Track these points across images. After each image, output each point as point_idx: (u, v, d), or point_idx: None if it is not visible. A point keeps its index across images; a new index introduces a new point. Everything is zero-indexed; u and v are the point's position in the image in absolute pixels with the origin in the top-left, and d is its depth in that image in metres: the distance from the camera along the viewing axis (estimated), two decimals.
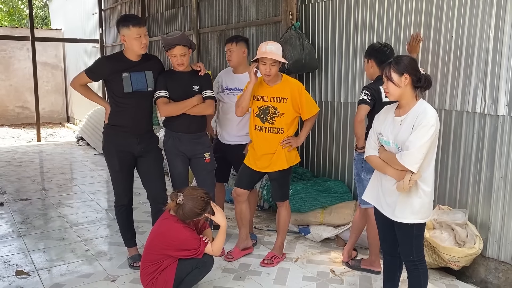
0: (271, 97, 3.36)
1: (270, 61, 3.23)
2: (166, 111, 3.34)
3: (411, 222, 2.49)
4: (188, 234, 2.79)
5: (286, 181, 3.55)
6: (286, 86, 3.37)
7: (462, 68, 3.38)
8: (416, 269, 2.60)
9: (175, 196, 2.77)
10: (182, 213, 2.75)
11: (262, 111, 3.40)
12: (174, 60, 3.31)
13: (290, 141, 3.40)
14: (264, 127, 3.41)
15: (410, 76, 2.43)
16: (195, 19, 6.79)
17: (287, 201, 3.60)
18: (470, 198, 3.42)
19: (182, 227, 2.79)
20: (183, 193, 2.76)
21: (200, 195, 2.78)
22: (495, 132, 3.22)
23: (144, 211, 4.75)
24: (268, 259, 3.55)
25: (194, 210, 2.75)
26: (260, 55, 3.24)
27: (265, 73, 3.28)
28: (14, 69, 13.56)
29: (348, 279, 3.34)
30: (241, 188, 3.56)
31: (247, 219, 3.72)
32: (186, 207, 2.74)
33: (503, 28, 3.10)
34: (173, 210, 2.80)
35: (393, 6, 3.86)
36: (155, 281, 2.81)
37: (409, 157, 2.37)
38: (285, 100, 3.36)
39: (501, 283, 3.25)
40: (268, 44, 3.29)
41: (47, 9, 19.23)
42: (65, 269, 3.47)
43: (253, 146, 3.50)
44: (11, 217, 4.69)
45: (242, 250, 3.69)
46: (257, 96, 3.41)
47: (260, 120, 3.41)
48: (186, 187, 2.90)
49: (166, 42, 3.28)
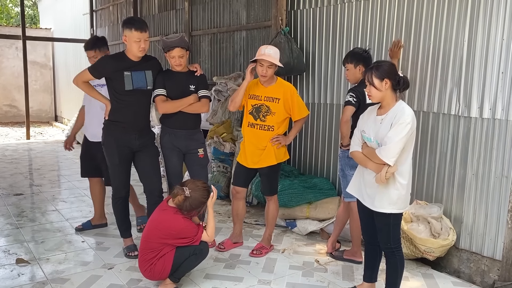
0: (265, 96, 3.60)
1: (267, 64, 3.47)
2: (164, 108, 3.54)
3: (388, 212, 2.73)
4: (187, 224, 2.99)
5: (275, 177, 3.78)
6: (280, 88, 3.61)
7: (439, 73, 3.64)
8: (393, 255, 2.84)
9: (181, 191, 2.95)
10: (189, 205, 2.95)
11: (255, 109, 3.63)
12: (172, 61, 3.51)
13: (279, 139, 3.62)
14: (256, 124, 3.63)
15: (390, 80, 2.67)
16: (187, 21, 6.98)
17: (275, 196, 3.83)
18: (445, 193, 3.68)
19: (181, 218, 2.99)
20: (187, 186, 2.96)
21: (202, 185, 3.00)
22: (468, 132, 3.49)
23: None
24: (257, 250, 3.77)
25: (201, 200, 2.97)
26: (259, 56, 3.48)
27: (262, 74, 3.52)
28: (2, 67, 13.55)
29: (332, 268, 3.57)
30: (239, 186, 3.80)
31: (243, 215, 3.95)
32: (193, 198, 2.94)
33: (476, 37, 3.37)
34: (179, 202, 2.98)
35: (376, 14, 4.12)
36: (153, 266, 3.00)
37: (387, 152, 2.61)
38: (278, 101, 3.59)
39: (472, 272, 3.52)
40: (267, 47, 3.53)
41: (35, 8, 19.17)
42: (63, 258, 3.63)
43: (244, 143, 3.73)
44: (7, 210, 4.83)
45: (233, 243, 3.91)
46: (252, 95, 3.64)
47: (253, 117, 3.64)
48: (185, 181, 3.08)
49: (165, 44, 3.48)
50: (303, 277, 3.41)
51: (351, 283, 3.31)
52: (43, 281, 3.22)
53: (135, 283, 3.22)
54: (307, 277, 3.40)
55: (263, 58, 3.46)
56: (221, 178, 5.43)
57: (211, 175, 5.40)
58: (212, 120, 5.81)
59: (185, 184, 3.01)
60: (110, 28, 10.13)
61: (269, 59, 3.45)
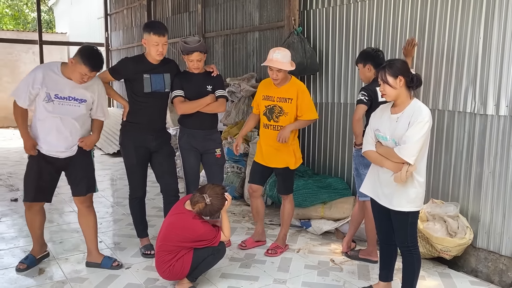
0: (278, 97, 3.62)
1: (276, 69, 3.50)
2: (182, 109, 3.58)
3: (407, 210, 2.72)
4: (206, 228, 3.01)
5: (290, 176, 3.80)
6: (293, 88, 3.63)
7: (454, 71, 3.61)
8: (410, 254, 2.82)
9: (202, 199, 2.97)
10: (209, 211, 2.98)
11: (268, 110, 3.66)
12: (191, 64, 3.56)
13: (280, 135, 3.58)
14: (269, 124, 3.66)
15: (404, 77, 2.67)
16: (200, 24, 7.04)
17: (291, 195, 3.84)
18: (462, 192, 3.65)
19: (200, 223, 3.00)
20: (207, 194, 2.98)
21: (221, 192, 3.02)
22: (484, 130, 3.45)
23: (153, 206, 4.98)
24: (272, 249, 3.78)
25: (220, 207, 3.01)
26: (267, 62, 3.52)
27: (273, 78, 3.56)
28: (20, 72, 13.77)
29: (347, 268, 3.56)
30: (255, 184, 3.84)
31: (263, 213, 3.98)
32: (214, 206, 2.97)
33: (491, 33, 3.34)
34: (199, 210, 2.99)
35: (389, 13, 4.10)
36: (172, 268, 3.03)
37: (407, 151, 2.60)
38: (290, 101, 3.61)
39: (490, 271, 3.48)
40: (275, 51, 3.55)
41: (51, 13, 19.50)
42: (82, 257, 3.69)
43: (260, 142, 3.77)
44: None
45: (255, 242, 3.95)
46: (265, 96, 3.67)
47: (266, 118, 3.67)
48: (204, 187, 3.08)
49: (185, 48, 3.51)
50: (318, 276, 3.41)
51: (367, 282, 3.30)
52: (62, 281, 3.28)
53: (152, 282, 3.26)
54: (322, 277, 3.40)
55: (271, 65, 3.50)
56: (235, 178, 5.46)
57: (225, 175, 5.43)
58: (226, 121, 5.85)
59: (204, 190, 3.01)
60: (124, 31, 10.26)
61: (277, 65, 3.48)
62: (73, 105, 3.19)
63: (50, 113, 3.15)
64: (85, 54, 3.05)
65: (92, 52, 3.08)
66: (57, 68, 3.17)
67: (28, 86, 3.11)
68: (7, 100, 14.15)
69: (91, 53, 3.08)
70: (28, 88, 3.12)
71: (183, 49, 3.53)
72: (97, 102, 3.31)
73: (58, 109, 3.15)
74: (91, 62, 3.03)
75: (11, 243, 4.02)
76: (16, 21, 21.22)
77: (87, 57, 3.03)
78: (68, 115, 3.18)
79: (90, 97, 3.24)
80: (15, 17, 21.30)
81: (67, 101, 3.17)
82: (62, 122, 3.17)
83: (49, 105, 3.14)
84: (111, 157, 8.34)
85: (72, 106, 3.19)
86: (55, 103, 3.15)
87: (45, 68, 3.19)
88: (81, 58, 3.02)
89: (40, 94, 3.12)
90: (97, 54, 3.10)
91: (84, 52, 3.06)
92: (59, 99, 3.14)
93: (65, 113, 3.17)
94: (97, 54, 3.10)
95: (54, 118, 3.16)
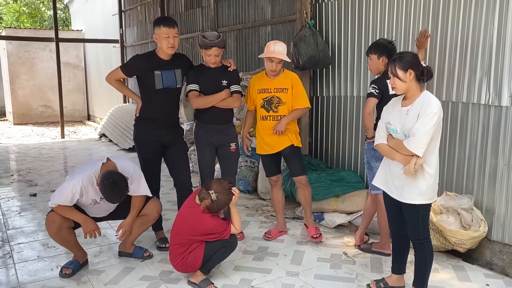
0: (274, 88, 3.70)
1: (278, 60, 3.56)
2: (197, 103, 3.62)
3: (418, 203, 2.72)
4: (216, 222, 3.05)
5: (299, 154, 3.85)
6: (288, 78, 3.72)
7: (468, 62, 3.57)
8: (422, 247, 2.82)
9: (208, 195, 3.00)
10: (216, 207, 3.01)
11: (266, 101, 3.72)
12: (208, 58, 3.58)
13: (276, 127, 3.67)
14: (268, 115, 3.73)
15: (414, 71, 2.65)
16: (213, 18, 7.06)
17: (305, 177, 3.85)
18: (476, 184, 3.62)
19: (209, 217, 3.04)
20: (213, 190, 3.00)
21: (227, 187, 3.04)
22: (499, 122, 3.41)
23: (167, 200, 5.04)
24: (315, 234, 3.83)
25: (226, 202, 3.04)
26: (269, 54, 3.56)
27: (272, 69, 3.63)
28: (37, 69, 14.04)
29: (360, 261, 3.57)
30: (274, 175, 3.92)
31: (283, 204, 4.06)
32: (220, 201, 3.00)
33: (506, 23, 3.29)
34: (206, 205, 3.02)
35: (402, 4, 4.06)
36: (185, 260, 3.09)
37: (415, 143, 2.60)
38: (287, 91, 3.69)
39: (506, 264, 3.45)
40: (276, 44, 3.62)
41: (67, 11, 19.75)
42: (98, 251, 3.78)
43: (260, 133, 3.84)
44: (45, 206, 5.03)
45: (279, 232, 4.04)
46: (261, 90, 3.73)
47: (265, 110, 3.73)
48: (211, 182, 3.09)
49: (203, 43, 3.52)
50: (331, 269, 3.43)
51: (379, 275, 3.30)
52: (80, 273, 3.36)
53: (167, 274, 3.33)
54: (335, 269, 3.42)
55: (274, 56, 3.55)
56: (248, 173, 5.49)
57: (239, 169, 5.47)
58: (239, 116, 5.88)
59: (210, 186, 3.03)
60: (139, 27, 10.34)
61: (280, 56, 3.56)
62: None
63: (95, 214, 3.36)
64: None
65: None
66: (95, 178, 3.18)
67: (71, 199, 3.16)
68: (25, 97, 14.41)
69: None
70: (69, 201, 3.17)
71: (202, 43, 3.54)
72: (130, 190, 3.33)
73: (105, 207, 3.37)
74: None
75: (30, 236, 4.13)
76: (33, 19, 21.55)
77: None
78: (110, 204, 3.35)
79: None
80: (32, 15, 21.62)
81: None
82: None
83: (96, 207, 3.31)
84: (127, 152, 8.46)
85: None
86: (101, 203, 3.30)
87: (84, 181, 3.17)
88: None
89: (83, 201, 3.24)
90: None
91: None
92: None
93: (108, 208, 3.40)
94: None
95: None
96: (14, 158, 8.14)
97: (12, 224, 4.47)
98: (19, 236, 4.12)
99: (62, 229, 3.22)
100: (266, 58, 3.61)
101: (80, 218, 3.20)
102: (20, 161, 7.78)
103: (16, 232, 4.24)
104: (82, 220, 3.20)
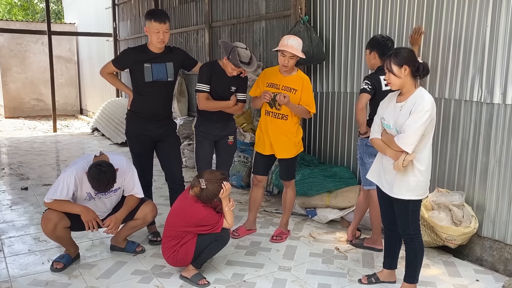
0: (283, 86, 3.64)
1: (290, 54, 3.49)
2: (205, 106, 3.64)
3: (407, 198, 2.74)
4: (208, 212, 3.06)
5: (293, 163, 3.84)
6: (299, 79, 3.66)
7: (461, 59, 3.59)
8: (412, 242, 2.84)
9: (197, 182, 3.02)
10: (206, 196, 3.02)
11: (272, 97, 3.66)
12: (229, 71, 3.56)
13: (279, 98, 3.51)
14: (271, 111, 3.69)
15: (409, 67, 2.66)
16: (207, 13, 7.02)
17: (293, 181, 3.89)
18: (467, 181, 3.64)
19: (202, 207, 3.05)
20: (204, 178, 3.02)
21: (219, 178, 3.04)
22: (490, 119, 3.44)
23: (160, 195, 5.03)
24: (277, 236, 3.83)
25: (215, 192, 3.03)
26: (282, 47, 3.50)
27: (283, 64, 3.55)
28: (29, 62, 13.90)
29: (352, 256, 3.59)
30: (260, 175, 3.89)
31: (259, 204, 4.05)
32: (209, 190, 3.00)
33: (499, 21, 3.30)
34: (196, 193, 3.05)
35: (396, 1, 4.07)
36: (176, 253, 3.09)
37: (405, 139, 2.61)
38: (295, 91, 3.62)
39: (495, 260, 3.48)
40: (290, 38, 3.56)
41: (60, 4, 19.56)
42: (90, 245, 3.76)
43: (261, 131, 3.79)
44: (37, 200, 5.01)
45: (247, 230, 4.01)
46: (270, 84, 3.68)
47: (269, 105, 3.70)
48: (204, 171, 3.13)
49: (235, 62, 3.45)
50: (323, 264, 3.44)
51: (371, 270, 3.32)
52: (71, 267, 3.35)
53: (159, 269, 3.32)
54: (327, 264, 3.43)
55: (286, 49, 3.47)
56: (241, 168, 5.50)
57: (232, 165, 5.47)
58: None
59: (202, 175, 3.06)
60: (132, 21, 10.27)
61: (292, 51, 3.47)
62: (109, 196, 3.34)
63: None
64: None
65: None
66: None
67: (67, 192, 3.13)
68: (17, 90, 14.26)
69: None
70: (65, 194, 3.13)
71: (233, 59, 3.47)
72: (124, 187, 3.36)
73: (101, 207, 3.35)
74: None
75: (21, 230, 4.10)
76: (25, 12, 21.34)
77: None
78: (106, 204, 3.36)
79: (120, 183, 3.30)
80: (24, 7, 21.41)
81: (106, 194, 3.29)
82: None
83: (91, 204, 3.26)
84: (119, 146, 8.42)
85: (109, 197, 3.34)
86: (96, 199, 3.29)
87: (78, 172, 3.16)
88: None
89: (78, 195, 3.22)
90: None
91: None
92: (99, 194, 3.24)
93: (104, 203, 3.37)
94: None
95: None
96: (5, 151, 8.07)
97: (3, 218, 4.44)
98: (10, 230, 4.10)
99: (58, 228, 3.18)
100: (279, 52, 3.55)
101: (78, 208, 3.17)
102: (12, 154, 7.72)
103: (7, 226, 4.21)
104: (80, 210, 3.17)
